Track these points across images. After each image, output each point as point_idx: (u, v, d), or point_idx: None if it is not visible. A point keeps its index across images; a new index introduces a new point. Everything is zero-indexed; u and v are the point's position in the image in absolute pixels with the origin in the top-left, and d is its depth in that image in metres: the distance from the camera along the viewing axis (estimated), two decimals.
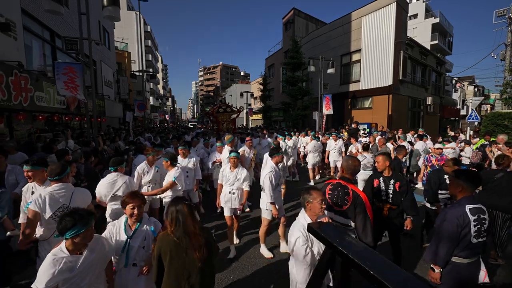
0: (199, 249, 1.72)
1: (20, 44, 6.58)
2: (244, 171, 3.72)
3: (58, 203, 2.21)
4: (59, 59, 8.82)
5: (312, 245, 1.94)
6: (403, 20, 13.80)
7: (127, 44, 26.85)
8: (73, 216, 1.60)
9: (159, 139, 9.12)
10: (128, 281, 2.02)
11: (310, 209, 1.99)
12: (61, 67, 5.14)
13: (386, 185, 3.06)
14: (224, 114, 12.72)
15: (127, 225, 2.07)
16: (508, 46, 17.63)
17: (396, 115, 13.59)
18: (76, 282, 1.64)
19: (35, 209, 2.12)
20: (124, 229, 2.05)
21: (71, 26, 9.52)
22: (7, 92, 5.63)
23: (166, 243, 1.75)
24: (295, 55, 17.37)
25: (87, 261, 1.68)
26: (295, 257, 1.95)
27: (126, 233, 2.03)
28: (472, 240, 2.02)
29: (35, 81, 6.76)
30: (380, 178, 3.13)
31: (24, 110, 6.37)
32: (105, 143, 6.59)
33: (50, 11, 5.11)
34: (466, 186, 2.15)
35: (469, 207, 2.07)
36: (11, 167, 3.23)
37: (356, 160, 2.73)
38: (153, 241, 2.06)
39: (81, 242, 1.64)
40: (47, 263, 1.58)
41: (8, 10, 6.12)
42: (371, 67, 14.12)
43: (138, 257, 2.04)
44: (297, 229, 1.98)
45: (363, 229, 2.40)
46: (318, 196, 1.98)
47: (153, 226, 2.13)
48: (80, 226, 1.58)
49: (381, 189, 3.07)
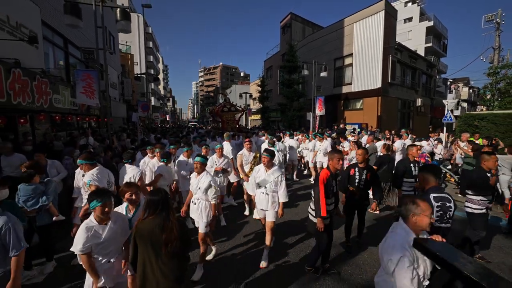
0: (169, 242, 1.79)
1: (41, 52, 7.37)
2: (208, 179, 3.09)
3: (105, 179, 3.13)
4: (71, 63, 9.62)
5: (417, 266, 1.62)
6: (392, 26, 14.61)
7: (130, 47, 27.62)
8: (94, 193, 2.07)
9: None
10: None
11: (415, 223, 1.71)
12: (80, 74, 5.93)
13: (360, 174, 3.69)
14: (228, 113, 12.98)
15: (128, 209, 2.40)
16: (496, 49, 18.45)
17: (386, 116, 14.39)
18: (104, 248, 2.05)
19: (96, 184, 3.03)
20: (126, 213, 2.37)
21: (81, 33, 10.31)
22: (31, 95, 6.43)
23: (141, 229, 1.87)
24: (291, 59, 18.18)
25: (111, 230, 2.07)
26: (398, 280, 1.60)
27: (126, 214, 2.37)
28: (434, 224, 2.25)
29: (53, 84, 7.55)
30: (356, 168, 3.74)
31: (44, 111, 7.16)
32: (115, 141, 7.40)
33: (70, 25, 5.91)
34: (428, 177, 2.46)
35: (433, 195, 2.34)
36: (51, 162, 3.99)
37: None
38: None
39: (101, 213, 2.00)
40: (82, 230, 1.98)
41: (31, 22, 6.92)
42: (362, 71, 14.93)
43: None
44: (399, 246, 1.64)
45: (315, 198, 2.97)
46: (427, 209, 1.71)
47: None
48: (98, 201, 2.00)
49: (355, 177, 3.70)
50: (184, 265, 1.97)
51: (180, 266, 1.92)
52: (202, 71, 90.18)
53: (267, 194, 3.37)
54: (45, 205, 3.07)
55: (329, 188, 2.91)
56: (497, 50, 18.35)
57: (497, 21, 18.63)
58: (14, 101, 5.69)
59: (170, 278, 1.83)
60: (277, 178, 3.37)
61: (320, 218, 2.88)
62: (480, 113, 8.95)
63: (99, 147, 5.31)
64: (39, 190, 3.05)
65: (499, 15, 18.56)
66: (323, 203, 2.83)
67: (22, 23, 6.51)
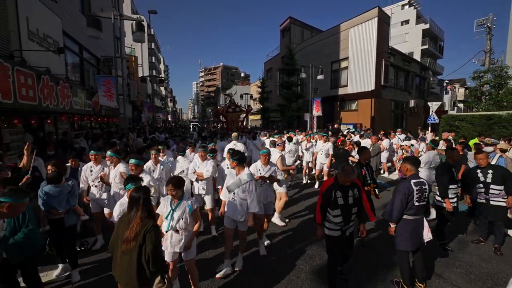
0: (126, 240, 1.85)
1: (62, 59, 8.17)
2: (146, 179, 3.32)
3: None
4: (85, 68, 10.42)
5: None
6: (385, 32, 15.41)
7: (134, 49, 28.39)
8: (129, 178, 2.61)
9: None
10: (171, 242, 2.58)
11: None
12: (101, 80, 6.72)
13: (369, 173, 4.02)
14: (233, 114, 13.51)
15: (172, 200, 2.62)
16: (487, 52, 19.21)
17: (379, 116, 15.18)
18: None
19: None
20: (170, 203, 2.62)
21: (94, 41, 11.11)
22: (56, 98, 7.22)
23: (122, 217, 2.09)
24: (289, 62, 18.96)
25: None
26: None
27: (171, 206, 2.60)
28: (415, 203, 2.75)
29: (72, 88, 8.34)
30: (363, 168, 3.98)
31: (66, 112, 7.96)
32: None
33: (92, 37, 6.69)
34: (410, 167, 2.91)
35: (413, 181, 2.79)
36: (82, 165, 4.43)
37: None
38: (189, 216, 2.55)
39: None
40: (118, 205, 2.68)
41: (54, 32, 7.70)
42: (356, 74, 15.73)
43: (178, 225, 2.54)
44: None
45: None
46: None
47: (190, 204, 2.57)
48: (132, 184, 2.48)
49: (367, 176, 3.95)
50: (142, 271, 1.87)
51: (138, 269, 1.84)
52: (202, 71, 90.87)
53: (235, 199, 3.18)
54: (73, 205, 3.20)
55: (329, 199, 2.70)
56: (488, 53, 19.12)
57: (488, 25, 19.34)
58: (44, 104, 6.47)
59: (127, 272, 1.87)
60: (246, 185, 3.13)
61: (318, 225, 2.88)
62: (460, 115, 9.77)
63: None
64: (66, 191, 3.13)
65: (490, 19, 19.29)
66: (318, 210, 2.84)
67: (48, 34, 7.31)
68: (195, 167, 4.31)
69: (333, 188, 2.72)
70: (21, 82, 5.36)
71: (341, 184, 2.72)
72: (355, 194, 2.74)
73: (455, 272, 3.35)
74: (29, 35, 6.40)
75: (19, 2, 6.07)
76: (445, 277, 3.25)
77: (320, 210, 2.80)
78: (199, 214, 2.72)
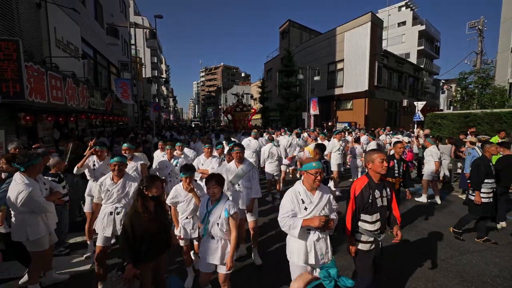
0: (151, 221, 2.02)
1: (81, 63, 9.04)
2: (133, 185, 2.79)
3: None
4: (99, 71, 11.31)
5: None
6: (378, 35, 16.25)
7: (138, 50, 29.26)
8: (184, 167, 2.73)
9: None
10: (208, 249, 2.22)
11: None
12: (118, 82, 7.59)
13: (398, 165, 3.95)
14: (240, 113, 14.24)
15: (209, 200, 2.32)
16: (478, 54, 20.01)
17: (373, 115, 16.03)
18: (184, 205, 2.76)
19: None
20: (206, 203, 2.31)
21: (106, 45, 11.99)
22: (78, 98, 8.10)
23: (131, 213, 2.09)
24: (288, 63, 19.80)
25: (189, 195, 2.74)
26: None
27: (206, 207, 2.28)
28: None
29: (90, 89, 9.22)
30: (394, 160, 3.93)
31: (85, 111, 8.83)
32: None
33: (111, 44, 7.54)
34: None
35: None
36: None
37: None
38: (225, 222, 2.17)
39: (186, 183, 2.69)
40: (173, 190, 2.79)
41: (74, 39, 8.58)
42: (351, 75, 16.59)
43: (213, 231, 2.19)
44: None
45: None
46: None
47: (227, 207, 2.19)
48: (183, 173, 2.69)
49: (394, 168, 3.86)
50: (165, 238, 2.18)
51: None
52: (203, 71, 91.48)
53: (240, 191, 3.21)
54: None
55: (366, 201, 2.15)
56: (479, 55, 19.91)
57: (479, 28, 20.12)
58: (68, 104, 7.35)
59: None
60: (250, 172, 3.23)
61: (349, 238, 2.23)
62: (442, 113, 10.63)
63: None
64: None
65: (481, 22, 20.07)
66: (349, 217, 2.21)
67: (70, 41, 8.18)
68: (199, 164, 4.08)
69: (369, 187, 2.17)
70: (52, 85, 6.24)
71: (377, 182, 2.20)
72: (388, 194, 2.24)
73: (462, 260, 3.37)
74: (56, 42, 7.27)
75: (49, 13, 6.93)
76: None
77: (352, 218, 2.18)
78: (238, 222, 2.31)
